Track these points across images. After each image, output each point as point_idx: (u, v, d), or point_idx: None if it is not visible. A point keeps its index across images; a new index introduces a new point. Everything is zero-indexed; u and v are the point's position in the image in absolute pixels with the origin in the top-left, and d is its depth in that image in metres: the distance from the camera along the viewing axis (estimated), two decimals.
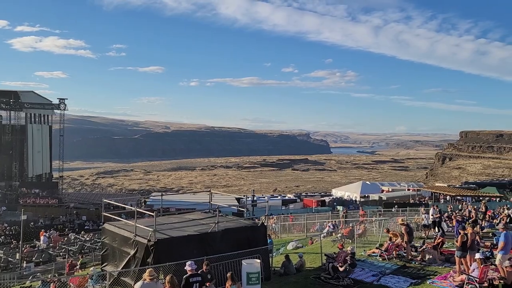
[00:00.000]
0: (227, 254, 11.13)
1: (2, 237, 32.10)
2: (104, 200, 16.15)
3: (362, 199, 56.93)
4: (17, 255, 24.69)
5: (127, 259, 11.76)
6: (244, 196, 54.09)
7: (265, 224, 14.64)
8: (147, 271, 8.85)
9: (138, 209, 12.89)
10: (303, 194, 73.35)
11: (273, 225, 24.99)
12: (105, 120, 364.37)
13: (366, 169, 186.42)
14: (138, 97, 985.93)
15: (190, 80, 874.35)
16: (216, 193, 20.12)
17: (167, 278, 8.73)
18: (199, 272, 9.50)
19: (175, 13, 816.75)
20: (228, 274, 9.57)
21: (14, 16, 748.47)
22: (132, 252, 11.59)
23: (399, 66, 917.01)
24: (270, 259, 13.36)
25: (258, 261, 10.85)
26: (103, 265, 13.38)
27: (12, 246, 28.10)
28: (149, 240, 11.03)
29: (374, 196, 57.60)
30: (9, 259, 24.65)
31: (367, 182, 75.29)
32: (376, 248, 15.04)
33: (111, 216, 13.93)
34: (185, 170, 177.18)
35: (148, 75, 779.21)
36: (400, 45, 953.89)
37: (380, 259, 14.11)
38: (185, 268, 9.33)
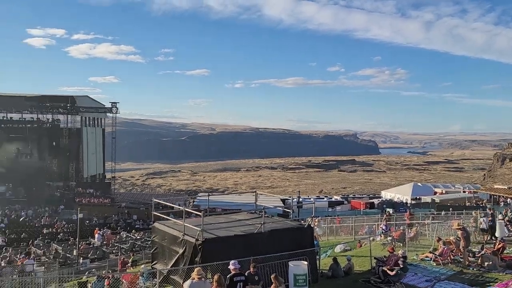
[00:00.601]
0: (274, 255, 11.06)
1: (61, 234, 33.66)
2: (154, 200, 16.60)
3: (413, 202, 54.97)
4: (74, 251, 25.83)
5: (176, 257, 11.98)
6: (289, 197, 53.84)
7: (312, 225, 14.43)
8: (195, 270, 8.97)
9: (186, 209, 13.10)
10: (351, 195, 71.92)
11: (316, 228, 24.54)
12: (154, 122, 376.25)
13: (417, 170, 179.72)
14: (185, 99, 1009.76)
15: (235, 82, 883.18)
16: (262, 194, 20.09)
17: (215, 277, 8.80)
18: (245, 273, 9.50)
19: (221, 16, 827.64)
20: (272, 276, 9.45)
21: (71, 25, 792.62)
22: (180, 251, 11.80)
23: (452, 62, 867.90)
24: (318, 262, 13.14)
25: (306, 263, 10.71)
26: (153, 263, 13.73)
27: (69, 242, 29.36)
28: (197, 239, 11.18)
29: (427, 199, 55.44)
30: (67, 255, 25.84)
31: (419, 184, 72.62)
32: (430, 252, 14.37)
33: (161, 215, 14.29)
34: (230, 171, 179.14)
35: (195, 78, 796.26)
36: (454, 40, 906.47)
37: (434, 264, 13.47)
38: (228, 267, 9.37)
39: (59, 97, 57.08)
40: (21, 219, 39.59)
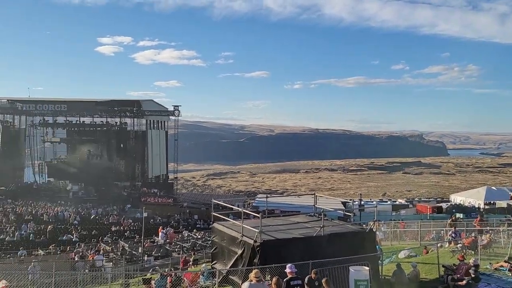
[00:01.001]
0: (334, 260, 10.76)
1: (128, 232, 35.28)
2: (213, 200, 16.89)
3: (487, 206, 51.39)
4: (140, 248, 26.91)
5: (234, 258, 12.06)
6: (350, 200, 52.64)
7: (374, 230, 13.89)
8: (253, 272, 8.94)
9: (244, 210, 13.16)
10: (416, 199, 68.86)
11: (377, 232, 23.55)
12: (214, 124, 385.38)
13: (491, 173, 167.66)
14: (244, 101, 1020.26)
15: (294, 83, 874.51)
16: (321, 196, 19.70)
17: (274, 280, 8.76)
18: (306, 278, 9.34)
19: (280, 18, 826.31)
20: (324, 280, 9.23)
21: (137, 33, 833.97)
22: (239, 251, 11.86)
23: None
24: (380, 267, 12.62)
25: (367, 268, 10.33)
26: (213, 263, 13.93)
27: (135, 240, 30.55)
28: (255, 241, 11.17)
29: (502, 203, 51.53)
30: (133, 252, 27.04)
31: (493, 188, 67.77)
32: (505, 261, 13.28)
33: (220, 216, 14.47)
34: (289, 173, 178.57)
35: (254, 80, 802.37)
36: None
37: (510, 274, 12.43)
38: (285, 270, 9.29)
39: (126, 101, 60.17)
40: (92, 216, 42.12)
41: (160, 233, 31.04)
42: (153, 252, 26.43)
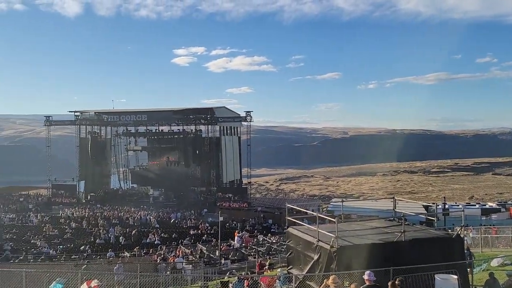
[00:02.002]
0: (417, 267, 10.11)
1: (205, 235, 36.32)
2: (287, 205, 16.78)
3: None
4: (217, 252, 27.64)
5: (311, 263, 11.83)
6: (433, 203, 49.59)
7: (461, 235, 12.83)
8: (331, 278, 8.73)
9: (319, 215, 12.88)
10: (509, 202, 62.88)
11: (465, 237, 21.80)
12: (286, 128, 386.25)
13: None
14: (316, 104, 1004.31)
15: (368, 83, 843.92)
16: (401, 200, 18.67)
17: (352, 286, 8.48)
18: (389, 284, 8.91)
19: (352, 17, 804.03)
20: (390, 283, 8.73)
21: (209, 43, 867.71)
22: (315, 257, 11.60)
23: None
24: (470, 276, 11.63)
25: (455, 277, 9.59)
26: (289, 268, 13.80)
27: (212, 243, 31.43)
28: (332, 246, 10.86)
29: None
30: (211, 255, 27.78)
31: None
32: None
33: (294, 220, 14.31)
34: (365, 176, 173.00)
35: (326, 82, 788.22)
36: None
37: None
38: (363, 276, 8.94)
39: (200, 109, 62.44)
40: (172, 220, 44.10)
41: (236, 237, 31.57)
42: (230, 256, 26.91)
